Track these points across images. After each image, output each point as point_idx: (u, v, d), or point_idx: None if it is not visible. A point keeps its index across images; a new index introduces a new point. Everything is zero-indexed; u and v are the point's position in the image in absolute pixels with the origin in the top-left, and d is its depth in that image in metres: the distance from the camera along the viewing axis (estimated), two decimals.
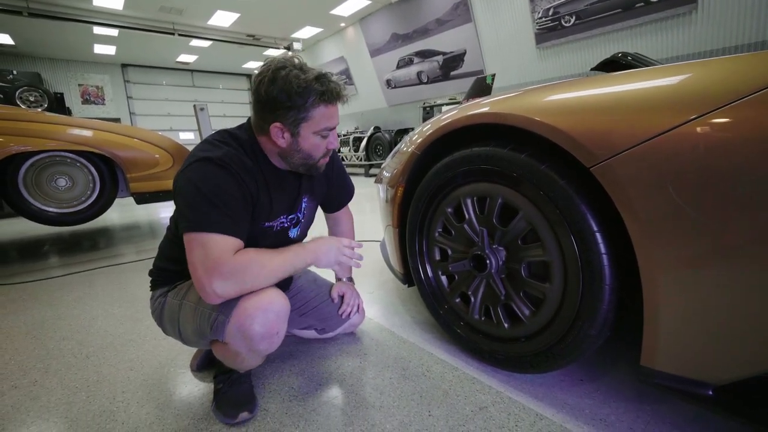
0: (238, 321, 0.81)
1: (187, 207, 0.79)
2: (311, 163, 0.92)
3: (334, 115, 0.88)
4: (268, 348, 0.86)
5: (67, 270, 2.25)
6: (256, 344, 0.83)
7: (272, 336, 0.84)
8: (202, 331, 0.88)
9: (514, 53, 7.04)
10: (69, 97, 11.91)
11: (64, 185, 2.47)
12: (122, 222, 3.99)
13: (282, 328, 0.86)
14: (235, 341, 0.84)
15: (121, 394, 1.04)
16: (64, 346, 1.32)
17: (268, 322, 0.82)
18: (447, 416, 0.91)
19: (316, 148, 0.89)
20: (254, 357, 0.91)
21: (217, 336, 0.85)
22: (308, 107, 0.82)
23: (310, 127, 0.85)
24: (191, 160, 0.83)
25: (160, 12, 8.79)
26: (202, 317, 0.88)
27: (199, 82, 15.44)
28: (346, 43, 10.68)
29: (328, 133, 0.89)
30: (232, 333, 0.83)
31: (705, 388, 0.70)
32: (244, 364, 0.94)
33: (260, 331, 0.81)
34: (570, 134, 0.77)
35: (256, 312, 0.81)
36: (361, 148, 8.26)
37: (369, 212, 3.82)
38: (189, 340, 0.96)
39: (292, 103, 0.80)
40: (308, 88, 0.80)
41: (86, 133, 2.46)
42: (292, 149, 0.87)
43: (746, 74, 0.62)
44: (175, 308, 0.94)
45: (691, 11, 4.82)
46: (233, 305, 0.82)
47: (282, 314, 0.85)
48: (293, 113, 0.82)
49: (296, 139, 0.86)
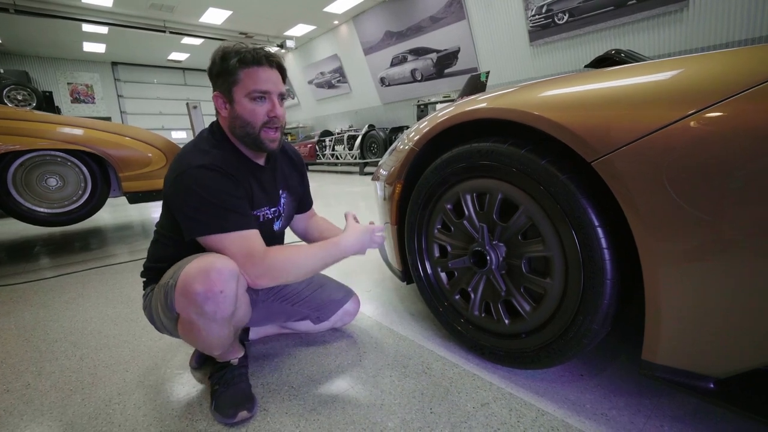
0: (182, 283, 0.83)
1: (200, 212, 0.86)
2: (253, 134, 0.94)
3: (266, 80, 0.91)
4: (216, 310, 0.83)
5: (59, 271, 2.21)
6: (200, 306, 0.81)
7: (216, 295, 0.81)
8: (165, 311, 0.90)
9: (507, 51, 7.05)
10: (58, 95, 11.75)
11: (54, 185, 2.43)
12: (114, 222, 3.94)
13: (227, 287, 0.82)
14: (184, 308, 0.85)
15: (117, 396, 1.02)
16: (58, 348, 1.30)
17: (209, 280, 0.80)
18: (449, 413, 0.90)
19: (252, 114, 0.92)
20: (210, 326, 0.86)
21: (172, 308, 0.88)
22: (231, 70, 0.88)
23: (240, 90, 0.90)
24: (184, 168, 0.88)
25: (150, 9, 8.68)
26: (161, 292, 0.91)
27: (191, 80, 15.30)
28: (339, 41, 10.63)
29: (261, 96, 0.91)
30: (179, 299, 0.84)
31: (706, 381, 0.70)
32: (208, 340, 0.90)
33: (201, 290, 0.80)
34: (571, 129, 0.77)
35: (197, 272, 0.81)
36: (355, 147, 8.24)
37: (364, 210, 3.81)
38: (168, 328, 0.96)
39: (221, 68, 0.89)
40: (230, 53, 0.89)
41: (77, 131, 2.42)
42: (233, 117, 0.93)
43: (748, 67, 0.62)
44: (155, 298, 0.95)
45: (683, 9, 4.87)
46: (180, 271, 0.85)
47: (225, 272, 0.82)
48: (222, 78, 0.90)
49: (233, 106, 0.92)
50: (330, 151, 9.16)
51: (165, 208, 0.98)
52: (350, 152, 8.44)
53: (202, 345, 0.94)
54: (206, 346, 0.94)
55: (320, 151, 9.49)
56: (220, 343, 0.93)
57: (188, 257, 0.91)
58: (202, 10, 9.03)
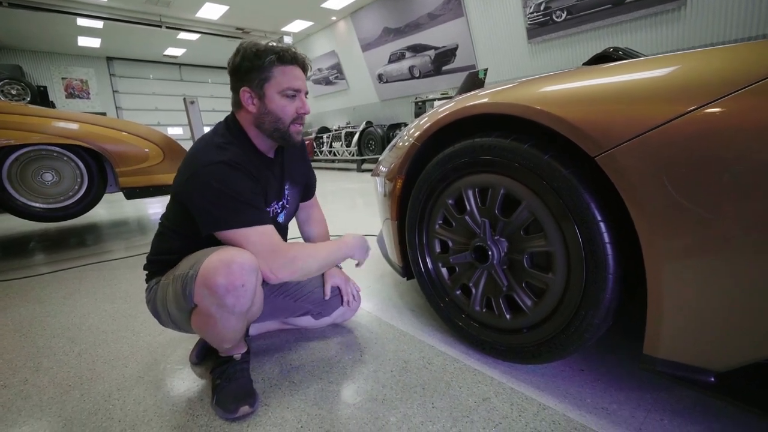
0: (203, 274, 0.83)
1: (219, 206, 0.87)
2: (283, 129, 0.96)
3: (298, 77, 0.94)
4: (235, 303, 0.83)
5: (54, 267, 2.19)
6: (221, 298, 0.82)
7: (237, 288, 0.82)
8: (180, 301, 0.90)
9: (505, 48, 7.04)
10: (52, 90, 11.61)
11: (50, 180, 2.40)
12: (110, 218, 3.91)
13: (248, 281, 0.83)
14: (203, 300, 0.84)
15: (116, 391, 1.02)
16: (55, 344, 1.29)
17: (232, 273, 0.81)
18: (450, 408, 0.90)
19: (283, 110, 0.94)
20: (228, 318, 0.87)
21: (190, 299, 0.87)
22: (267, 66, 0.90)
23: (273, 87, 0.92)
24: (204, 163, 0.88)
25: (146, 3, 8.58)
26: (177, 282, 0.90)
27: (187, 76, 15.15)
28: (337, 37, 10.57)
29: (293, 94, 0.94)
30: (199, 290, 0.84)
31: (707, 374, 0.71)
32: (222, 333, 0.91)
33: (223, 283, 0.81)
34: (574, 124, 0.77)
35: (219, 264, 0.82)
36: (353, 143, 8.21)
37: (362, 207, 3.80)
38: (177, 320, 0.96)
39: (252, 65, 0.91)
40: (265, 51, 0.90)
41: (73, 126, 2.39)
42: (262, 113, 0.94)
43: (753, 62, 0.62)
44: (163, 290, 0.95)
45: (680, 7, 4.88)
46: (202, 262, 0.84)
47: (247, 266, 0.83)
48: (255, 74, 0.91)
49: (263, 101, 0.93)
50: (327, 147, 9.13)
51: (173, 202, 0.98)
52: (348, 149, 8.41)
53: (215, 337, 0.94)
54: (219, 339, 0.95)
55: (318, 148, 9.46)
56: (233, 336, 0.95)
57: (205, 249, 0.90)
58: (198, 5, 8.94)
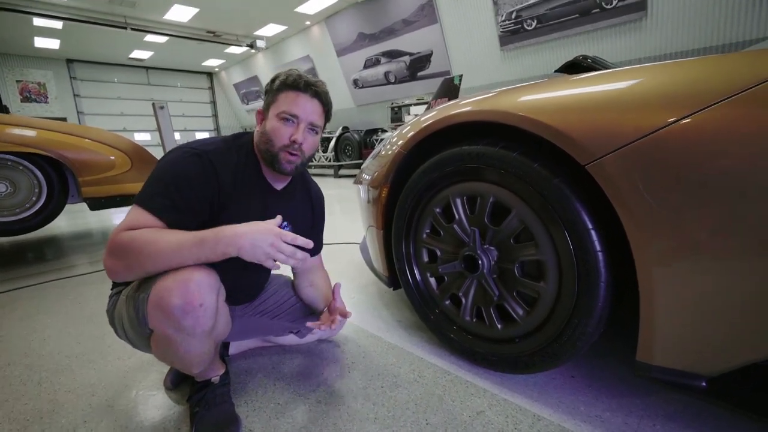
0: (156, 295, 0.76)
1: (148, 183, 0.84)
2: (273, 152, 0.91)
3: (300, 105, 0.90)
4: (195, 324, 0.77)
5: (9, 285, 2.01)
6: (178, 320, 0.75)
7: (195, 309, 0.75)
8: (135, 326, 0.83)
9: (479, 55, 7.21)
10: (5, 94, 10.93)
11: (4, 191, 2.22)
12: (71, 230, 3.67)
13: (207, 300, 0.77)
14: (159, 323, 0.77)
15: (83, 423, 0.93)
16: (11, 373, 1.17)
17: (188, 293, 0.74)
18: (445, 424, 0.88)
19: (276, 132, 0.91)
20: (189, 342, 0.80)
21: (144, 324, 0.80)
22: (275, 90, 0.92)
23: (274, 109, 0.92)
24: (180, 146, 0.89)
25: (110, 4, 8.24)
26: (130, 302, 0.83)
27: (155, 79, 14.66)
28: (311, 42, 10.50)
29: (289, 118, 0.90)
30: (154, 313, 0.77)
31: (699, 379, 0.72)
32: (187, 358, 0.84)
33: (178, 304, 0.74)
34: (565, 132, 0.77)
35: (173, 284, 0.74)
36: (329, 149, 8.14)
37: (339, 214, 3.75)
38: (137, 344, 0.88)
39: (268, 88, 0.94)
40: (278, 75, 0.93)
41: (29, 132, 2.22)
42: (262, 132, 0.94)
43: (739, 72, 0.64)
44: (119, 308, 0.86)
45: (642, 18, 5.14)
46: (154, 282, 0.77)
47: (205, 284, 0.76)
48: (267, 98, 0.94)
49: (265, 121, 0.94)
50: None
51: None
52: (324, 154, 8.32)
53: (180, 363, 0.87)
54: (185, 364, 0.87)
55: None
56: (200, 359, 0.87)
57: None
58: (167, 7, 8.67)
